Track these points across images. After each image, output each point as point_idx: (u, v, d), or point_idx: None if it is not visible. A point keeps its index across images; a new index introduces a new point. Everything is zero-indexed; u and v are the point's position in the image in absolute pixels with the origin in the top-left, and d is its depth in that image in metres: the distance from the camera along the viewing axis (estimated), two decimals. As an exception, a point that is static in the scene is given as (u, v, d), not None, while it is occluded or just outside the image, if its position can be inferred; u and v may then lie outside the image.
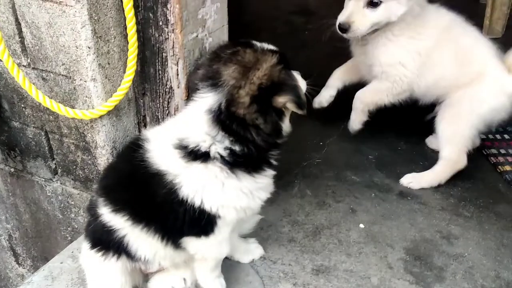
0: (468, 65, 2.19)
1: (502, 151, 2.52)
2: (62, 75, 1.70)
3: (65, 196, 2.03)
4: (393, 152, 2.54)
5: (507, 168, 2.40)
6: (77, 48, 1.59)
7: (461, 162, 2.25)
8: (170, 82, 1.68)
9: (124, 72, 1.67)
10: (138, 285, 1.72)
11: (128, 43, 1.62)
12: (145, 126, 1.85)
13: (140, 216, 1.45)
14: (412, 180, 2.30)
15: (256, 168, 1.47)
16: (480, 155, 2.49)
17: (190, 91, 1.53)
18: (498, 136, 2.63)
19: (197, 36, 1.66)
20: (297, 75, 1.53)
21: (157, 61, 1.66)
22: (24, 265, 2.47)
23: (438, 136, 2.28)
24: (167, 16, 1.56)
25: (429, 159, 2.45)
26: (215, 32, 1.74)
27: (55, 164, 1.98)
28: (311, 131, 2.66)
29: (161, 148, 1.43)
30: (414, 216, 2.10)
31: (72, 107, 1.74)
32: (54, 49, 1.65)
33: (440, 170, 2.27)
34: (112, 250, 1.53)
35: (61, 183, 2.01)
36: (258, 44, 1.48)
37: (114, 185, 1.52)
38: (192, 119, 1.41)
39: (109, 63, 1.65)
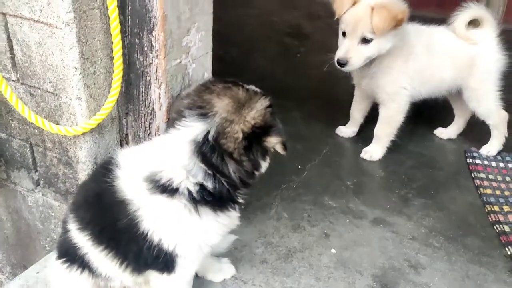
0: (460, 61, 2.62)
1: (491, 176, 2.63)
2: (49, 92, 1.76)
3: (46, 207, 2.08)
4: (371, 180, 2.61)
5: (488, 191, 2.50)
6: (64, 67, 1.66)
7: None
8: (152, 104, 1.75)
9: (109, 92, 1.73)
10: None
11: (114, 65, 1.69)
12: (127, 144, 1.91)
13: (100, 239, 1.50)
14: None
15: (221, 206, 1.51)
16: (457, 186, 2.57)
17: (172, 120, 1.58)
18: (493, 163, 2.73)
19: (180, 62, 1.73)
20: None
21: (141, 83, 1.73)
22: (3, 272, 2.51)
23: (478, 114, 2.74)
24: (152, 42, 1.63)
25: (407, 187, 2.53)
26: (198, 59, 1.81)
27: (37, 175, 2.03)
28: (293, 155, 2.72)
29: (129, 176, 1.47)
30: (385, 243, 2.17)
31: (57, 122, 1.80)
32: (43, 67, 1.72)
33: (499, 133, 2.79)
34: (76, 263, 1.58)
35: (42, 194, 2.07)
36: (244, 84, 1.54)
37: (82, 204, 1.57)
38: (172, 149, 1.43)
39: (94, 83, 1.72)
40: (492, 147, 2.80)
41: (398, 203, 2.43)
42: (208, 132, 1.41)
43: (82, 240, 1.54)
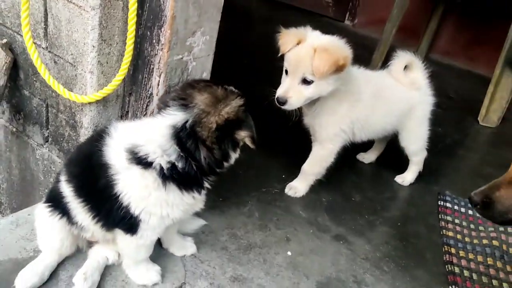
0: (403, 107, 2.74)
1: (456, 220, 2.77)
2: (69, 63, 2.06)
3: (49, 162, 2.38)
4: (346, 201, 2.81)
5: (450, 233, 2.65)
6: (84, 44, 1.96)
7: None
8: (152, 89, 2.02)
9: (118, 72, 2.01)
10: (82, 248, 2.03)
11: (125, 50, 1.97)
12: (126, 119, 2.18)
13: (81, 192, 1.77)
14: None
15: (187, 187, 1.74)
16: (424, 223, 2.74)
17: (158, 108, 1.84)
18: (462, 209, 2.88)
19: (182, 58, 2.00)
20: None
21: (145, 70, 2.01)
22: (4, 214, 2.82)
23: (408, 151, 2.95)
24: (160, 36, 1.91)
25: (377, 214, 2.72)
26: (200, 59, 2.08)
27: (48, 133, 2.33)
28: (280, 164, 2.97)
29: (115, 145, 1.72)
30: (339, 258, 2.35)
31: (71, 90, 2.10)
32: (68, 41, 2.02)
33: (417, 168, 3.04)
34: (58, 209, 1.85)
35: (48, 150, 2.36)
36: (224, 85, 1.80)
37: (73, 160, 1.85)
38: (154, 130, 1.69)
39: (107, 62, 2.01)
40: (409, 177, 3.04)
41: (363, 226, 2.61)
42: (187, 121, 1.67)
43: (67, 190, 1.80)
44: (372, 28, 5.83)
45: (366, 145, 3.10)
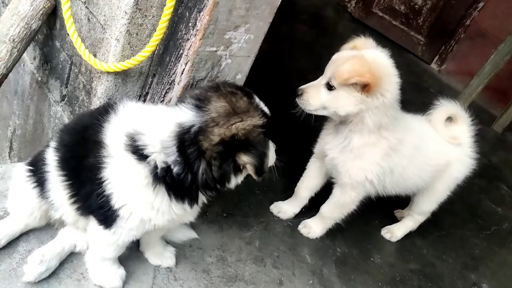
0: (440, 166, 2.40)
1: None
2: (100, 24, 1.87)
3: (59, 122, 2.22)
4: (362, 259, 2.45)
5: None
6: (118, 8, 1.76)
7: None
8: (175, 76, 1.80)
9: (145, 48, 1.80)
10: (53, 225, 1.84)
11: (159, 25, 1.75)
12: (144, 101, 1.97)
13: (65, 165, 1.56)
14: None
15: (178, 195, 1.52)
16: None
17: (178, 101, 1.62)
18: None
19: (216, 51, 1.75)
20: (272, 146, 1.61)
21: (174, 53, 1.78)
22: (12, 160, 2.72)
23: (419, 209, 2.61)
24: (197, 21, 1.68)
25: (394, 286, 2.35)
26: (237, 58, 1.82)
27: (65, 92, 2.17)
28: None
29: (117, 125, 1.52)
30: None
31: (95, 53, 1.91)
32: (104, 1, 1.83)
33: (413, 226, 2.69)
34: (35, 177, 1.66)
35: (62, 110, 2.21)
36: (257, 99, 1.55)
37: (68, 128, 1.66)
38: (161, 122, 1.48)
39: (137, 34, 1.80)
40: (399, 232, 2.68)
41: (372, 294, 2.26)
42: (194, 125, 1.44)
43: (51, 159, 1.62)
44: (459, 78, 5.34)
45: (404, 200, 2.72)
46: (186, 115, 1.46)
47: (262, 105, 1.56)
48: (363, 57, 1.96)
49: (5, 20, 2.04)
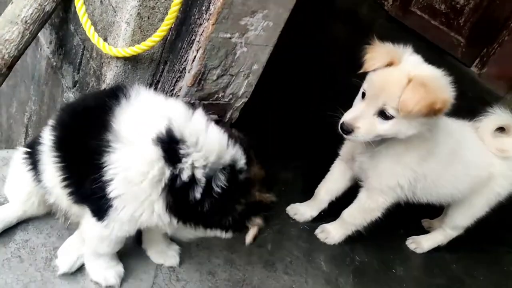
0: (480, 177, 2.18)
1: None
2: (112, 6, 1.78)
3: (71, 109, 2.14)
4: (383, 270, 2.28)
5: None
6: (129, -11, 1.66)
7: None
8: (186, 64, 1.69)
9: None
10: (54, 215, 1.75)
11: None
12: (155, 90, 1.86)
13: (61, 145, 1.46)
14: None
15: (180, 217, 1.43)
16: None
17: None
18: None
19: (230, 38, 1.63)
20: None
21: (186, 39, 1.67)
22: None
23: (452, 223, 2.40)
24: (210, 4, 1.55)
25: None
26: (253, 47, 1.69)
27: (77, 78, 2.09)
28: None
29: (131, 112, 1.41)
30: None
31: (105, 37, 1.82)
32: (117, -19, 1.73)
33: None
34: (31, 158, 1.57)
35: (74, 96, 2.13)
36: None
37: (70, 107, 1.57)
38: (217, 143, 1.38)
39: (149, 18, 1.70)
40: (426, 244, 2.48)
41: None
42: (241, 171, 1.41)
43: (47, 138, 1.51)
44: (500, 84, 5.04)
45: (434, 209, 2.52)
46: (241, 158, 1.41)
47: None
48: (422, 80, 1.72)
49: (18, 0, 1.97)
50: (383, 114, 1.79)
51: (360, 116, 1.82)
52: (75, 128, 1.47)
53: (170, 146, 1.34)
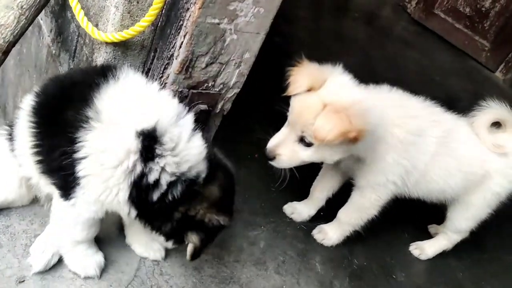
0: (475, 172, 2.08)
1: None
2: (103, -9, 1.74)
3: (66, 97, 2.12)
4: (383, 275, 2.18)
5: None
6: (118, -28, 1.62)
7: None
8: (173, 50, 1.63)
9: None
10: (39, 202, 1.72)
11: (159, -8, 1.59)
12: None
13: (37, 112, 1.43)
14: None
15: (138, 211, 1.40)
16: None
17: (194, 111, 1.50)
18: None
19: (218, 24, 1.57)
20: None
21: (174, 25, 1.62)
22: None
23: (453, 226, 2.29)
24: (197, -13, 1.49)
25: None
26: (244, 34, 1.63)
27: (73, 65, 2.07)
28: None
29: (116, 95, 1.37)
30: None
31: (97, 23, 1.78)
32: (107, -35, 1.70)
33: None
34: (11, 136, 1.56)
35: (68, 84, 2.11)
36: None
37: (56, 80, 1.56)
38: (193, 148, 1.38)
39: (138, 2, 1.65)
40: (430, 250, 2.36)
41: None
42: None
43: (26, 104, 1.48)
44: (525, 90, 4.86)
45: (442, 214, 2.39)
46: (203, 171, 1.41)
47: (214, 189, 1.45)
48: (336, 107, 1.65)
49: (14, -15, 1.96)
50: (303, 141, 1.76)
51: (282, 142, 1.80)
52: (57, 97, 1.44)
53: (149, 144, 1.31)
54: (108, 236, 1.73)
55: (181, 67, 1.63)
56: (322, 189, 2.20)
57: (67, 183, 1.37)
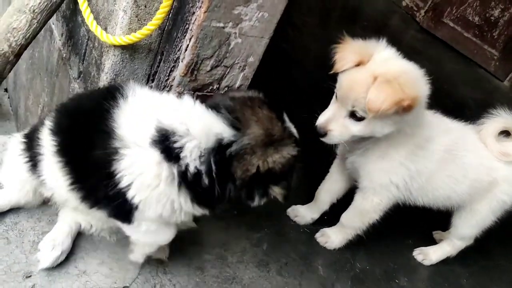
0: (481, 180, 2.07)
1: None
2: (112, -4, 1.79)
3: (75, 99, 2.16)
4: (386, 280, 2.18)
5: None
6: (127, -24, 1.66)
7: None
8: (179, 53, 1.67)
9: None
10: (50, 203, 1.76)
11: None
12: (152, 81, 1.86)
13: (64, 153, 1.44)
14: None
15: (199, 202, 1.41)
16: None
17: (209, 105, 1.44)
18: None
19: (223, 27, 1.60)
20: None
21: (180, 28, 1.66)
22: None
23: (458, 233, 2.30)
24: (202, -8, 1.53)
25: None
26: (248, 38, 1.66)
27: (82, 68, 2.12)
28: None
29: (131, 113, 1.39)
30: None
31: (106, 27, 1.83)
32: (117, -30, 1.74)
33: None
34: (29, 152, 1.58)
35: (78, 87, 2.15)
36: (287, 120, 1.45)
37: (67, 109, 1.55)
38: (201, 128, 1.34)
39: (145, 6, 1.69)
40: (434, 256, 2.37)
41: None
42: (231, 146, 1.33)
43: (47, 142, 1.49)
44: (535, 100, 4.82)
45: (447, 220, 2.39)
46: (226, 130, 1.34)
47: (292, 127, 1.45)
48: (387, 77, 1.66)
49: (27, -10, 2.02)
50: (354, 116, 1.77)
51: (332, 119, 1.81)
52: (76, 135, 1.45)
53: (165, 145, 1.33)
54: (112, 234, 1.76)
55: (186, 69, 1.66)
56: (328, 193, 2.22)
57: (124, 211, 1.41)
